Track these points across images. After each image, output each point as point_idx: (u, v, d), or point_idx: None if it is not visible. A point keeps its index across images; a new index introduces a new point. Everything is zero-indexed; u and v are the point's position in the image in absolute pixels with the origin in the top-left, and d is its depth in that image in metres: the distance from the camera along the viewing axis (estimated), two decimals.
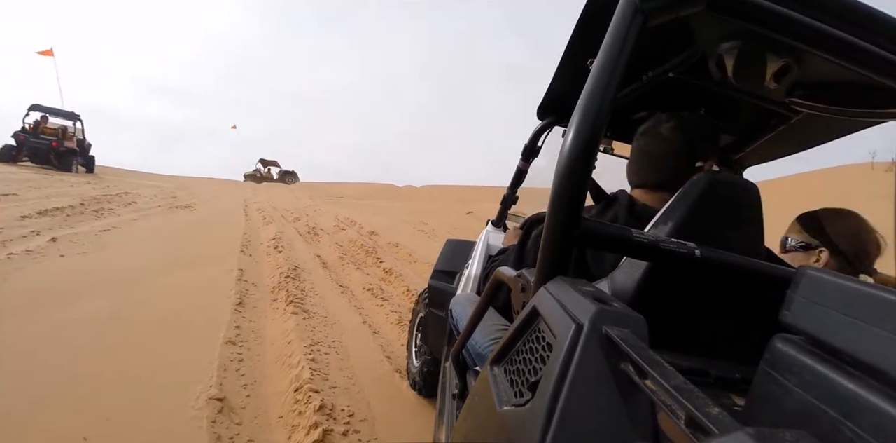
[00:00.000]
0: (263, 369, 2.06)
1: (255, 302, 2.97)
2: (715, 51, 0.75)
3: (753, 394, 0.36)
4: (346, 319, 2.85)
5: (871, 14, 0.58)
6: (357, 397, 1.90)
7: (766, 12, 0.56)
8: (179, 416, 1.58)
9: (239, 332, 2.37)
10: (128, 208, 6.68)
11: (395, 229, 7.82)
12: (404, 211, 12.47)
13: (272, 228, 6.65)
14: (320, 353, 2.22)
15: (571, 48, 0.90)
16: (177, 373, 1.87)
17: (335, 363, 2.16)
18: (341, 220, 8.81)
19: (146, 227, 5.33)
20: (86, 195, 7.14)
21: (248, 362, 2.09)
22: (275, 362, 2.14)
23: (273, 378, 1.99)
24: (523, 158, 1.67)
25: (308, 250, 5.21)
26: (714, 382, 0.51)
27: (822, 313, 0.30)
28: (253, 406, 1.76)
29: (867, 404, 0.26)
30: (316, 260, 4.64)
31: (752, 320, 0.70)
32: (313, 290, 3.45)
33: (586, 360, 0.41)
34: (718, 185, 0.69)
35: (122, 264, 3.43)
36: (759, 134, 1.15)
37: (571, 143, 0.54)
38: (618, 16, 0.57)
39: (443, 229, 8.15)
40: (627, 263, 0.69)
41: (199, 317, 2.52)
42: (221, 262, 3.93)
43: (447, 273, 1.96)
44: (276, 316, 2.74)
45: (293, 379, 1.92)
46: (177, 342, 2.17)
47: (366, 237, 6.83)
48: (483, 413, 0.57)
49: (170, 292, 2.91)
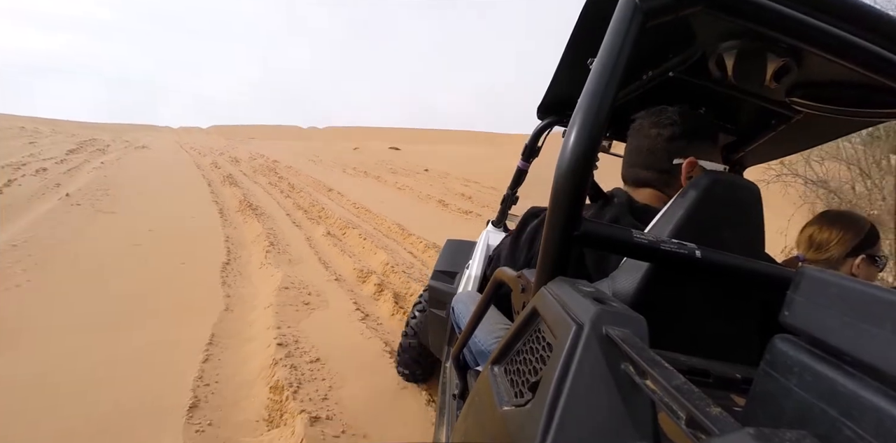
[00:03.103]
0: (232, 213, 5.30)
1: (215, 187, 7.23)
2: (715, 50, 0.75)
3: (753, 394, 0.36)
4: (257, 190, 7.51)
5: (871, 13, 0.57)
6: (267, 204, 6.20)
7: (767, 11, 0.56)
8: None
9: (214, 192, 6.63)
10: (100, 154, 10.66)
11: (292, 160, 13.37)
12: (303, 148, 19.48)
13: (208, 159, 12.09)
14: (254, 199, 6.28)
15: (571, 48, 0.90)
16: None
17: (260, 201, 6.32)
18: (253, 155, 14.44)
19: (138, 158, 10.57)
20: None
21: (226, 210, 5.36)
22: (238, 210, 5.45)
23: (230, 203, 6.05)
24: (524, 158, 1.67)
25: (234, 169, 10.26)
26: (714, 382, 0.51)
27: (822, 314, 0.30)
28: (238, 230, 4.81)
29: (867, 404, 0.26)
30: (239, 173, 9.57)
31: (752, 321, 0.70)
32: (242, 183, 8.03)
33: (587, 360, 0.41)
34: (719, 185, 0.69)
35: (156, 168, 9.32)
36: (759, 134, 1.15)
37: (572, 143, 0.54)
38: (617, 15, 0.57)
39: (328, 160, 13.95)
40: (628, 263, 0.69)
41: (194, 195, 6.14)
42: (188, 175, 8.40)
43: (447, 273, 1.96)
44: (226, 188, 7.09)
45: (239, 203, 6.00)
46: (196, 209, 5.43)
47: (270, 163, 12.35)
48: (483, 413, 0.57)
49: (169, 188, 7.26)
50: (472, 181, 10.24)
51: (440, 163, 13.82)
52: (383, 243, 4.30)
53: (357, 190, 8.23)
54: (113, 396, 1.63)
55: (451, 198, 7.91)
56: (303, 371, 1.81)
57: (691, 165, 0.83)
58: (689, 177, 0.83)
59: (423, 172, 11.84)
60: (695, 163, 0.83)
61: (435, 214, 6.53)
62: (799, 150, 1.24)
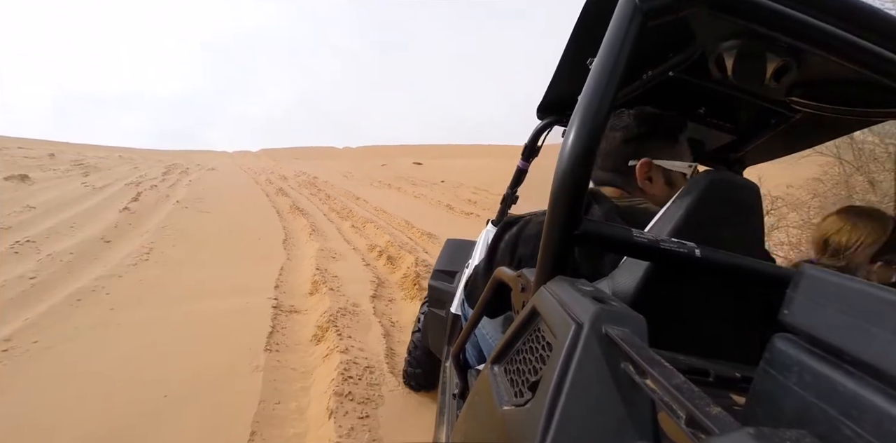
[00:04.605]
0: (285, 213, 7.35)
1: (272, 197, 9.51)
2: (714, 50, 0.75)
3: (753, 393, 0.36)
4: (302, 199, 9.72)
5: (871, 12, 0.57)
6: (309, 208, 8.40)
7: (766, 11, 0.56)
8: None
9: (271, 200, 8.98)
10: (185, 175, 13.50)
11: (329, 176, 16.44)
12: (339, 166, 24.32)
13: (263, 177, 15.21)
14: (300, 204, 8.53)
15: (571, 48, 0.90)
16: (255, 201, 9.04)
17: (304, 206, 8.50)
18: (297, 173, 18.12)
19: (212, 177, 13.40)
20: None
21: (281, 212, 7.47)
22: (289, 211, 7.55)
23: (282, 202, 8.99)
24: (523, 158, 1.67)
25: (283, 184, 12.94)
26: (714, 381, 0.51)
27: (821, 313, 0.30)
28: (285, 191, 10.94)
29: (867, 404, 0.26)
30: (288, 187, 11.99)
31: (751, 320, 0.70)
32: (290, 194, 10.33)
33: (586, 359, 0.41)
34: (718, 184, 0.69)
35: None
36: (758, 133, 1.15)
37: (572, 143, 0.54)
38: (617, 15, 0.57)
39: (359, 175, 17.11)
40: (628, 262, 0.69)
41: (257, 202, 8.53)
42: (251, 189, 10.87)
43: (447, 273, 1.96)
44: (279, 198, 9.47)
45: (290, 207, 8.12)
46: (255, 204, 8.36)
47: (311, 179, 15.01)
48: (483, 413, 0.57)
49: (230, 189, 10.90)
50: (482, 190, 11.74)
51: (456, 175, 15.74)
52: (391, 232, 5.93)
53: (379, 198, 10.18)
54: (244, 279, 3.56)
55: (459, 203, 9.51)
56: (328, 280, 3.54)
57: (646, 166, 0.86)
58: (647, 178, 0.87)
59: (439, 184, 13.63)
60: (649, 163, 0.86)
61: (440, 215, 8.15)
62: (799, 149, 1.23)
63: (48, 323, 2.45)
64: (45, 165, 10.84)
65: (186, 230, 5.15)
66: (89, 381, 1.96)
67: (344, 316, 2.77)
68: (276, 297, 3.12)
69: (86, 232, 4.50)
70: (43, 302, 2.72)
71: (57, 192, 6.89)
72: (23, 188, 6.89)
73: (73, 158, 14.52)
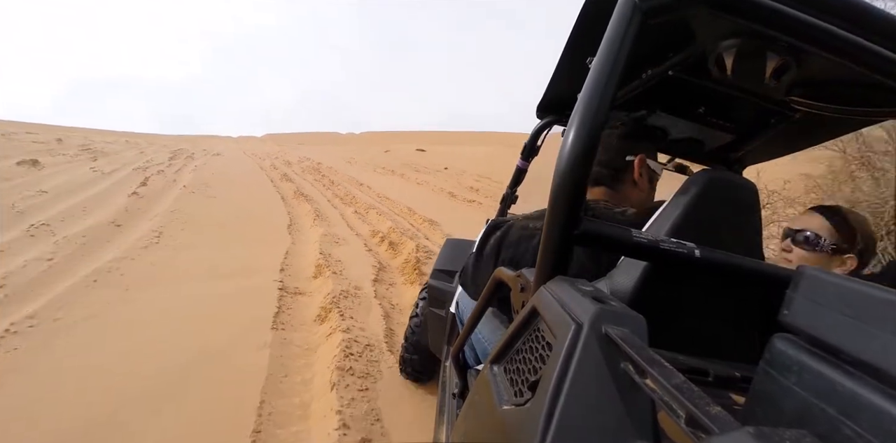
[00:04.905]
0: (290, 199, 7.38)
1: (276, 182, 9.49)
2: (714, 49, 0.75)
3: (753, 393, 0.36)
4: (306, 184, 9.72)
5: (871, 11, 0.57)
6: (313, 193, 8.42)
7: (766, 10, 0.56)
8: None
9: (276, 185, 8.99)
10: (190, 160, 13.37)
11: (332, 162, 16.50)
12: (342, 151, 24.68)
13: (267, 162, 15.22)
14: (304, 190, 8.50)
15: (570, 47, 0.90)
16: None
17: (309, 191, 8.52)
18: (301, 158, 17.96)
19: (218, 162, 13.46)
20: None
21: (286, 197, 7.49)
22: (293, 197, 7.53)
23: (285, 185, 9.26)
24: (523, 157, 1.67)
25: (288, 169, 12.93)
26: (714, 381, 0.51)
27: (821, 313, 0.30)
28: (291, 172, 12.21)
29: (867, 404, 0.26)
30: (292, 173, 12.05)
31: (751, 320, 0.70)
32: (295, 180, 10.24)
33: (586, 359, 0.41)
34: (717, 184, 0.69)
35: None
36: (758, 133, 1.15)
37: (571, 142, 0.54)
38: (616, 14, 0.57)
39: (362, 161, 17.10)
40: (625, 262, 0.68)
41: (262, 187, 8.58)
42: (256, 174, 10.98)
43: (447, 272, 1.96)
44: (284, 183, 9.37)
45: (294, 192, 8.08)
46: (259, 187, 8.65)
47: (315, 165, 15.01)
48: (483, 413, 0.57)
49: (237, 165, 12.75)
50: (485, 177, 11.64)
51: (460, 162, 15.46)
52: (393, 218, 6.06)
53: (383, 184, 10.21)
54: (251, 262, 3.64)
55: (461, 191, 9.48)
56: (331, 264, 3.63)
57: (642, 162, 0.92)
58: (640, 173, 0.92)
59: (442, 171, 13.53)
60: (644, 159, 0.92)
61: (442, 201, 8.15)
62: (799, 149, 1.23)
63: (69, 300, 2.58)
64: (53, 150, 10.70)
65: (194, 215, 5.23)
66: (113, 353, 2.08)
67: (346, 298, 2.86)
68: (282, 279, 3.21)
69: (97, 216, 4.57)
70: (61, 282, 2.82)
71: (67, 176, 6.87)
72: (33, 173, 6.83)
73: (81, 143, 14.33)
